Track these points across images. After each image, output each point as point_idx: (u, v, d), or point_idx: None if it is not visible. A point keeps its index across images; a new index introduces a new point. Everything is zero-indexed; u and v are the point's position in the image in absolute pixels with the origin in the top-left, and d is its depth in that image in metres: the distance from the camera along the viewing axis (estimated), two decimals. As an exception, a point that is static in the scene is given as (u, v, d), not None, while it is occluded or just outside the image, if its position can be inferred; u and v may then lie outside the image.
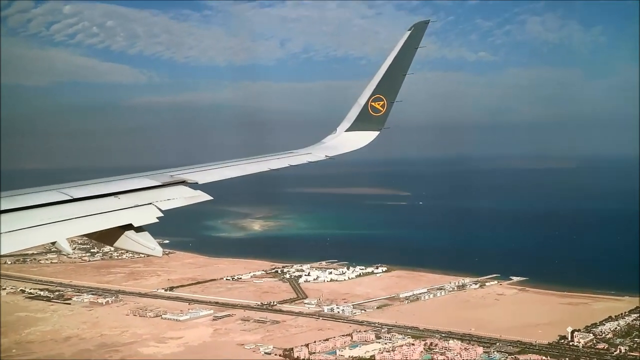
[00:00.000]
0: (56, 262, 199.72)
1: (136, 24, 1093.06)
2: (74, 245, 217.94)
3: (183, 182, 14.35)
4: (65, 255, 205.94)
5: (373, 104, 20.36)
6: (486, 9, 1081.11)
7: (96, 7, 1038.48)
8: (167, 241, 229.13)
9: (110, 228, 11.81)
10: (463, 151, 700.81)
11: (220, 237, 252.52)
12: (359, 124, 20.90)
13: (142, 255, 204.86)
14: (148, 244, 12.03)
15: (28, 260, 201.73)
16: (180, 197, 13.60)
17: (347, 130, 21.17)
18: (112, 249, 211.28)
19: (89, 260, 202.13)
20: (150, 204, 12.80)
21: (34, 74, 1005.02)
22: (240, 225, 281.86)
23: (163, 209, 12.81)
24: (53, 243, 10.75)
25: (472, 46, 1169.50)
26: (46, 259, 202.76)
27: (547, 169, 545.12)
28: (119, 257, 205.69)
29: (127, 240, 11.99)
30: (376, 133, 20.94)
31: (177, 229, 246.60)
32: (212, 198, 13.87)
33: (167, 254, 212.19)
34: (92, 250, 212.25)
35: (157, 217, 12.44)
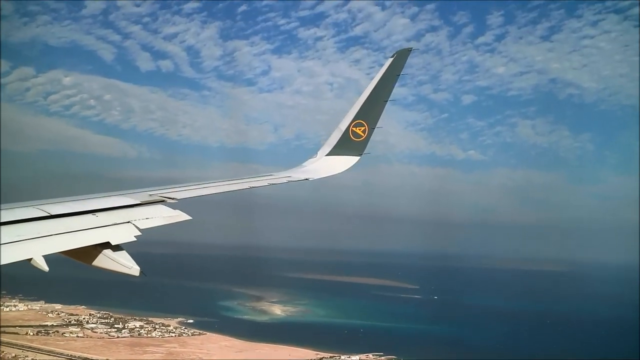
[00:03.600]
0: (82, 336, 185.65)
1: (133, 99, 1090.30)
2: (94, 319, 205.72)
3: (162, 202, 14.21)
4: (85, 328, 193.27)
5: (354, 129, 20.52)
6: (479, 109, 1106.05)
7: (96, 80, 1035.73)
8: (191, 320, 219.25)
9: (88, 246, 11.66)
10: (451, 247, 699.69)
11: (245, 319, 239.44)
12: (340, 148, 20.98)
13: (173, 334, 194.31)
14: (126, 262, 11.77)
15: (50, 332, 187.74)
16: (159, 217, 13.46)
17: (327, 155, 21.21)
18: (138, 326, 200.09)
19: (117, 337, 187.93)
20: (129, 222, 12.70)
21: (22, 140, 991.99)
22: (259, 308, 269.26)
23: (141, 228, 12.68)
24: (29, 260, 10.34)
25: (462, 144, 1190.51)
26: (70, 332, 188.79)
27: (543, 271, 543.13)
28: (148, 335, 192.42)
29: (104, 259, 11.77)
30: (357, 158, 20.94)
31: (195, 309, 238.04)
32: (190, 218, 13.65)
33: (142, 274, 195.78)
34: (116, 326, 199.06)
35: (135, 236, 12.33)
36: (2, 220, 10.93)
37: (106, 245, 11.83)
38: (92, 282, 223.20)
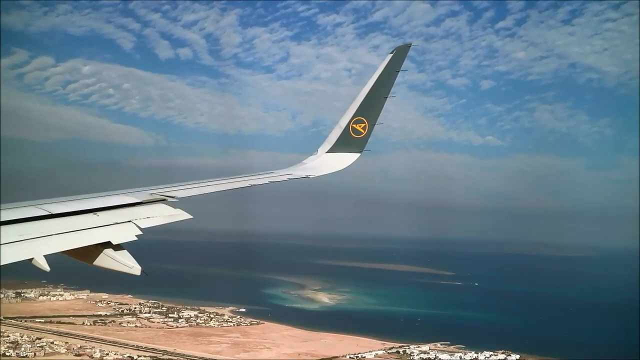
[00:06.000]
0: (140, 326, 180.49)
1: (152, 87, 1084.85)
2: (146, 309, 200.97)
3: (163, 201, 14.15)
4: (138, 317, 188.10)
5: (354, 125, 20.34)
6: (498, 95, 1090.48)
7: (115, 69, 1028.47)
8: (243, 309, 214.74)
9: (89, 245, 11.51)
10: (470, 234, 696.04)
11: (297, 308, 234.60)
12: (340, 145, 20.77)
13: (231, 323, 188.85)
14: (127, 262, 11.62)
15: (107, 322, 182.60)
16: (160, 216, 13.34)
17: (328, 152, 21.01)
18: (193, 315, 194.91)
19: (176, 327, 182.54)
20: (130, 221, 12.54)
21: (42, 130, 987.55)
22: (306, 296, 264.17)
23: (142, 227, 12.54)
24: (30, 260, 10.31)
25: (479, 130, 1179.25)
26: (127, 322, 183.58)
27: (566, 257, 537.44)
28: (207, 325, 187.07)
29: (106, 259, 11.58)
30: (357, 155, 20.76)
31: (242, 297, 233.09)
32: (191, 217, 13.59)
33: (143, 273, 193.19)
34: (171, 315, 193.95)
35: (136, 235, 12.22)
36: (3, 220, 10.72)
37: (107, 244, 11.66)
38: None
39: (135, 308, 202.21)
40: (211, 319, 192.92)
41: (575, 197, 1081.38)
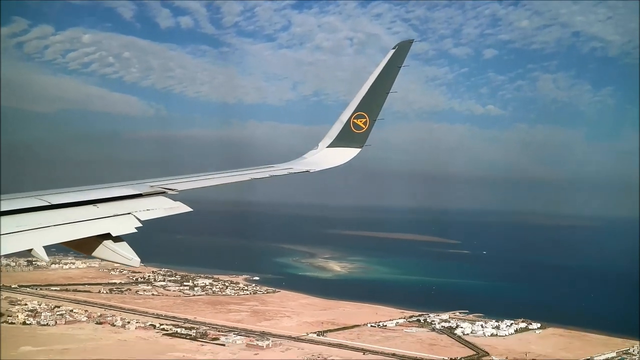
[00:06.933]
0: (157, 294, 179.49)
1: (152, 56, 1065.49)
2: (160, 277, 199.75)
3: (163, 193, 14.12)
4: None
5: (355, 120, 20.42)
6: (500, 63, 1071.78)
7: (115, 38, 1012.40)
8: (256, 278, 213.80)
9: (88, 237, 11.41)
10: (470, 203, 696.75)
11: (309, 276, 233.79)
12: (341, 140, 20.87)
13: (247, 292, 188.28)
14: (126, 254, 11.54)
15: (123, 290, 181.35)
16: (160, 208, 13.30)
17: (328, 147, 21.12)
18: (208, 283, 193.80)
19: (193, 295, 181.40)
20: (129, 213, 12.48)
21: (43, 100, 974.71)
22: (317, 265, 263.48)
23: (142, 219, 12.41)
24: (30, 250, 10.34)
25: (481, 99, 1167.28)
26: (144, 290, 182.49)
27: (566, 226, 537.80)
28: (223, 293, 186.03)
29: (105, 250, 11.52)
30: (358, 150, 20.87)
31: (254, 266, 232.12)
32: (191, 210, 13.49)
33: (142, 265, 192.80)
34: (186, 284, 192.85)
35: (136, 228, 12.08)
36: (2, 210, 10.82)
37: (107, 235, 11.54)
38: (140, 238, 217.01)
39: (149, 276, 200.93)
40: (227, 287, 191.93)
41: (575, 167, 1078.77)
